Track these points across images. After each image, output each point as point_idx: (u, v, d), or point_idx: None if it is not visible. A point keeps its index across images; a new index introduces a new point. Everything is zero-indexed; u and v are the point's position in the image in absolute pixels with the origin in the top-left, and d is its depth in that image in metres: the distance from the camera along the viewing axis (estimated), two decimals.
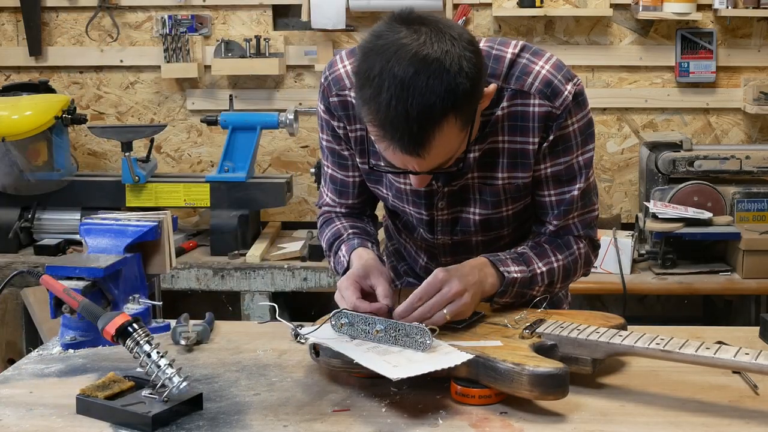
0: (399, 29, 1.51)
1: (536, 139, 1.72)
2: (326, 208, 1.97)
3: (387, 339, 1.57)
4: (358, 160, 1.84)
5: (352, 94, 1.72)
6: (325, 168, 1.92)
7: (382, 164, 1.68)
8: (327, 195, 1.96)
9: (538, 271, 1.76)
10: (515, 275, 1.72)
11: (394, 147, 1.53)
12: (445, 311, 1.61)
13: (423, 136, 1.50)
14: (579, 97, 1.72)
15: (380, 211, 2.02)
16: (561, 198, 1.79)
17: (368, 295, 1.68)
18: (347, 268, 1.79)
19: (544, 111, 1.69)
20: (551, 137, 1.72)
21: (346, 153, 1.85)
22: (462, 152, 1.62)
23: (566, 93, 1.70)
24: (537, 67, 1.69)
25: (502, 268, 1.72)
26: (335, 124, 1.81)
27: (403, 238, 2.00)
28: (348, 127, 1.80)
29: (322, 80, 1.80)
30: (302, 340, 1.63)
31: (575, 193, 1.78)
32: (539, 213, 1.83)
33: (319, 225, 1.98)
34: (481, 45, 1.66)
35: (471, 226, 1.83)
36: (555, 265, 1.78)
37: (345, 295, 1.67)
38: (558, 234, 1.82)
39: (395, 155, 1.56)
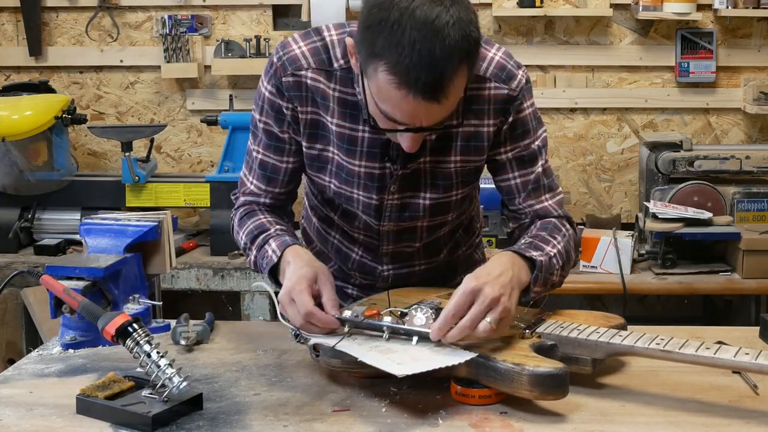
0: None
1: (491, 122, 1.78)
2: (249, 198, 1.90)
3: (395, 340, 1.57)
4: (305, 144, 1.82)
5: (309, 75, 1.75)
6: (255, 153, 1.87)
7: (369, 126, 1.67)
8: (252, 182, 1.89)
9: (552, 253, 1.76)
10: (541, 258, 1.71)
11: (414, 92, 1.52)
12: (488, 319, 1.52)
13: (444, 79, 1.52)
14: (529, 83, 1.81)
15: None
16: (526, 179, 1.85)
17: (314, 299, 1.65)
18: (276, 264, 1.75)
19: (501, 94, 1.76)
20: (510, 119, 1.78)
21: (285, 137, 1.82)
22: (456, 109, 1.63)
23: (520, 76, 1.78)
24: (490, 54, 1.75)
25: (528, 254, 1.70)
26: (284, 104, 1.78)
27: (333, 234, 1.97)
28: (299, 108, 1.78)
29: (275, 60, 1.77)
30: (302, 341, 1.62)
31: (539, 170, 1.85)
32: (507, 199, 1.88)
33: (238, 216, 1.91)
34: None
35: (420, 211, 1.85)
36: (559, 247, 1.79)
37: (299, 299, 1.62)
38: (539, 216, 1.86)
39: (410, 103, 1.54)
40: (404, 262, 1.94)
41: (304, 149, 1.83)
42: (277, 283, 1.75)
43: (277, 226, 1.84)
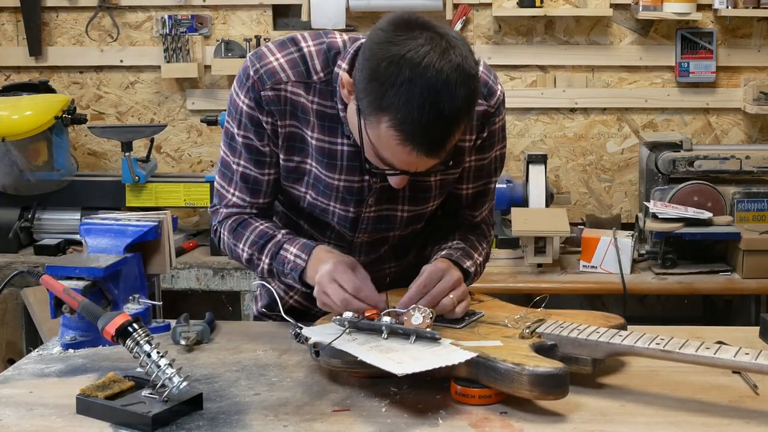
0: (413, 35, 1.52)
1: (473, 137, 1.80)
2: (234, 210, 1.87)
3: (394, 341, 1.57)
4: (282, 157, 1.80)
5: (289, 88, 1.73)
6: (235, 166, 1.83)
7: (366, 166, 1.67)
8: (234, 194, 1.86)
9: (479, 261, 1.86)
10: (472, 269, 1.81)
11: (417, 150, 1.54)
12: (451, 296, 1.65)
13: (447, 138, 1.55)
14: (504, 98, 1.83)
15: None
16: (478, 191, 1.89)
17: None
18: (304, 269, 1.75)
19: (481, 110, 1.78)
20: (485, 134, 1.81)
21: (266, 150, 1.79)
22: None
23: (499, 92, 1.81)
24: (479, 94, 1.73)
25: (464, 265, 1.78)
26: (263, 118, 1.75)
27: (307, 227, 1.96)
28: (278, 123, 1.76)
29: (252, 73, 1.74)
30: (302, 341, 1.62)
31: (491, 185, 1.92)
32: (452, 204, 1.91)
33: (227, 228, 1.87)
34: None
35: (396, 223, 1.86)
36: (484, 254, 1.90)
37: (343, 277, 1.64)
38: (476, 224, 1.93)
39: (411, 157, 1.56)
40: (375, 266, 1.93)
41: (281, 162, 1.81)
42: (306, 286, 1.76)
43: (282, 231, 1.84)
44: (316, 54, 1.74)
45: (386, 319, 1.58)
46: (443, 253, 1.80)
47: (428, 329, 1.56)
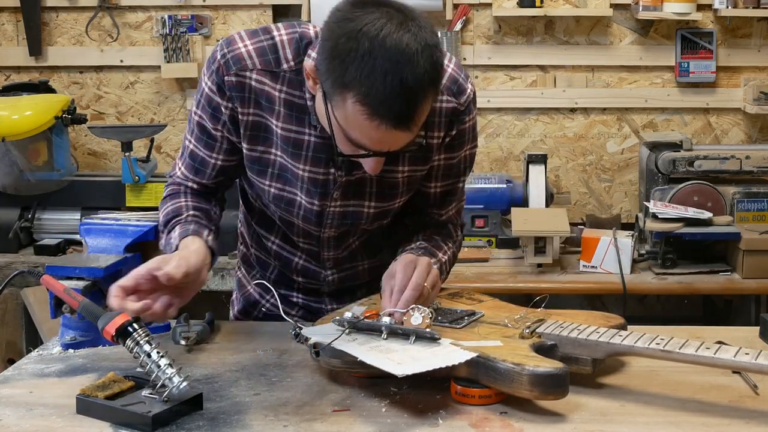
0: (369, 11, 1.52)
1: (441, 134, 1.79)
2: (177, 180, 1.88)
3: (394, 340, 1.57)
4: (245, 146, 1.79)
5: (254, 76, 1.72)
6: (187, 142, 1.85)
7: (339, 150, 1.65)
8: (180, 169, 1.88)
9: (443, 260, 1.84)
10: (435, 266, 1.79)
11: (385, 123, 1.52)
12: (426, 284, 1.66)
13: (416, 108, 1.54)
14: (475, 97, 1.82)
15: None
16: (446, 190, 1.89)
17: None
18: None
19: (450, 107, 1.77)
20: (453, 132, 1.80)
21: (217, 134, 1.79)
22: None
23: (469, 90, 1.79)
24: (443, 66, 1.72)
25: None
26: (222, 103, 1.75)
27: (273, 239, 1.95)
28: (239, 109, 1.75)
29: (219, 57, 1.73)
30: (302, 341, 1.62)
31: (460, 185, 1.91)
32: (418, 202, 1.89)
33: (163, 196, 1.89)
34: None
35: (362, 219, 1.85)
36: (449, 253, 1.88)
37: (114, 302, 1.59)
38: (442, 224, 1.91)
39: (380, 132, 1.54)
40: (347, 264, 1.94)
41: (244, 151, 1.80)
42: None
43: (191, 212, 1.81)
44: (288, 42, 1.73)
45: (386, 319, 1.58)
46: (405, 252, 1.79)
47: (428, 329, 1.56)
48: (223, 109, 1.76)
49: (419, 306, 1.61)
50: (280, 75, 1.73)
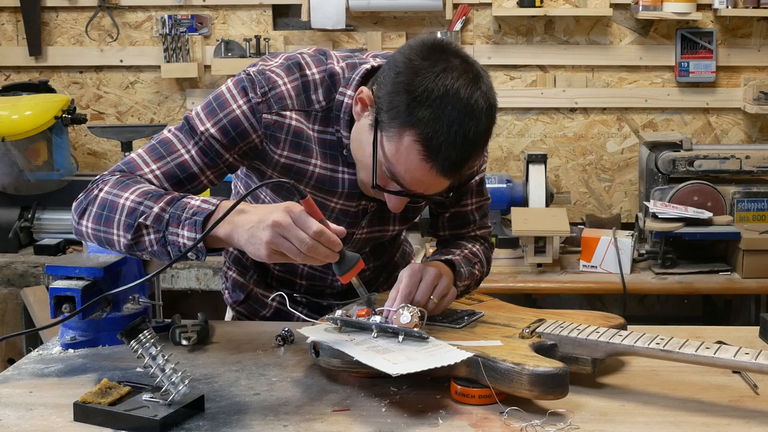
0: (447, 57, 1.56)
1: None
2: (144, 179, 1.68)
3: (385, 339, 1.57)
4: (274, 174, 1.74)
5: (294, 116, 1.71)
6: (182, 150, 1.70)
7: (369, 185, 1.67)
8: (154, 172, 1.69)
9: (466, 251, 1.91)
10: (456, 258, 1.85)
11: (436, 168, 1.56)
12: (432, 297, 1.67)
13: (466, 162, 1.58)
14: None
15: None
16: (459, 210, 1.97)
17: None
18: (212, 212, 1.54)
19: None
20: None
21: (227, 156, 1.70)
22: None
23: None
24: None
25: (444, 258, 1.83)
26: (254, 135, 1.70)
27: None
28: (273, 149, 1.72)
29: (259, 93, 1.69)
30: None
31: (469, 207, 1.98)
32: (434, 212, 1.99)
33: (115, 181, 1.65)
34: (378, 61, 1.73)
35: (384, 240, 1.93)
36: (474, 248, 1.95)
37: (302, 220, 1.47)
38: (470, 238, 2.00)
39: (427, 175, 1.57)
40: None
41: (272, 178, 1.75)
42: (203, 241, 1.54)
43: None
44: (320, 82, 1.73)
45: (376, 318, 1.59)
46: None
47: (416, 329, 1.56)
48: (249, 139, 1.70)
49: (408, 305, 1.61)
50: (312, 114, 1.73)
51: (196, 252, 1.55)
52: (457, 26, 3.86)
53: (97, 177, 1.70)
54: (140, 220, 1.59)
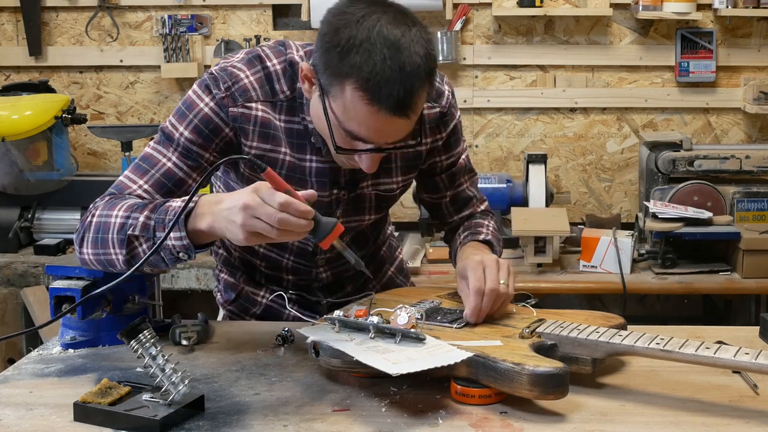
0: (366, 6, 1.58)
1: (428, 140, 1.86)
2: (134, 195, 1.72)
3: (383, 340, 1.57)
4: (248, 173, 1.77)
5: (259, 107, 1.73)
6: (164, 160, 1.73)
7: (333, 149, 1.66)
8: (142, 187, 1.73)
9: (489, 236, 1.95)
10: (489, 237, 1.93)
11: (386, 107, 1.55)
12: (501, 281, 1.68)
13: (413, 94, 1.57)
14: (454, 95, 1.90)
15: None
16: (455, 192, 1.99)
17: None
18: (192, 210, 1.56)
19: (434, 113, 1.85)
20: (444, 134, 1.88)
21: (207, 156, 1.73)
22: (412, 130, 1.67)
23: (447, 92, 1.86)
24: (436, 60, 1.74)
25: (478, 238, 1.91)
26: (225, 129, 1.72)
27: (264, 248, 1.95)
28: (243, 141, 1.74)
29: (223, 88, 1.71)
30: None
31: (466, 184, 2.01)
32: (438, 214, 2.02)
33: (105, 203, 1.70)
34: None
35: (362, 229, 1.94)
36: (491, 225, 2.00)
37: (268, 195, 1.48)
38: (469, 214, 2.03)
39: (379, 119, 1.56)
40: (339, 260, 1.97)
41: (246, 177, 1.78)
42: (186, 238, 1.56)
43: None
44: (282, 72, 1.75)
45: (373, 318, 1.59)
46: (464, 251, 1.87)
47: (413, 329, 1.56)
48: (222, 134, 1.74)
49: (405, 306, 1.62)
50: (278, 104, 1.75)
51: (185, 251, 1.58)
52: (457, 26, 3.86)
53: (90, 205, 1.75)
54: (129, 232, 1.62)
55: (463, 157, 1.98)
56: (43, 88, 3.86)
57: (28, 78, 4.05)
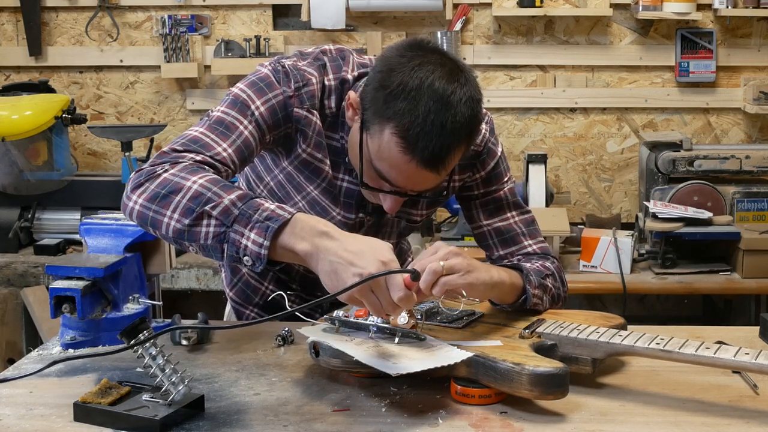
0: (425, 53, 1.58)
1: (457, 177, 1.85)
2: (218, 164, 1.63)
3: (383, 340, 1.57)
4: (290, 168, 1.79)
5: (317, 115, 1.74)
6: (241, 127, 1.68)
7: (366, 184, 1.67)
8: (227, 151, 1.65)
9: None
10: (526, 265, 1.79)
11: (416, 160, 1.56)
12: (441, 263, 1.55)
13: (447, 152, 1.57)
14: (493, 133, 1.86)
15: None
16: (498, 227, 1.89)
17: None
18: (287, 221, 1.47)
19: (467, 152, 1.74)
20: (483, 172, 1.86)
21: (269, 141, 1.73)
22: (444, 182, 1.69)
23: (483, 131, 1.83)
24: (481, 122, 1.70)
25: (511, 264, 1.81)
26: (290, 124, 1.73)
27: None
28: (301, 143, 1.76)
29: (293, 87, 1.72)
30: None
31: (512, 220, 1.90)
32: (474, 230, 1.91)
33: (186, 166, 1.57)
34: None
35: None
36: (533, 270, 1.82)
37: (393, 281, 1.44)
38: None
39: (409, 168, 1.57)
40: None
41: (287, 168, 1.80)
42: (269, 253, 1.47)
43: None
44: (334, 89, 1.76)
45: (373, 318, 1.59)
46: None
47: (413, 329, 1.56)
48: (288, 125, 1.73)
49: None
50: (325, 119, 1.77)
51: (257, 259, 1.46)
52: (457, 26, 3.86)
53: (163, 153, 1.61)
54: (206, 208, 1.49)
55: (505, 189, 1.89)
56: (43, 88, 3.86)
57: (28, 78, 4.05)
